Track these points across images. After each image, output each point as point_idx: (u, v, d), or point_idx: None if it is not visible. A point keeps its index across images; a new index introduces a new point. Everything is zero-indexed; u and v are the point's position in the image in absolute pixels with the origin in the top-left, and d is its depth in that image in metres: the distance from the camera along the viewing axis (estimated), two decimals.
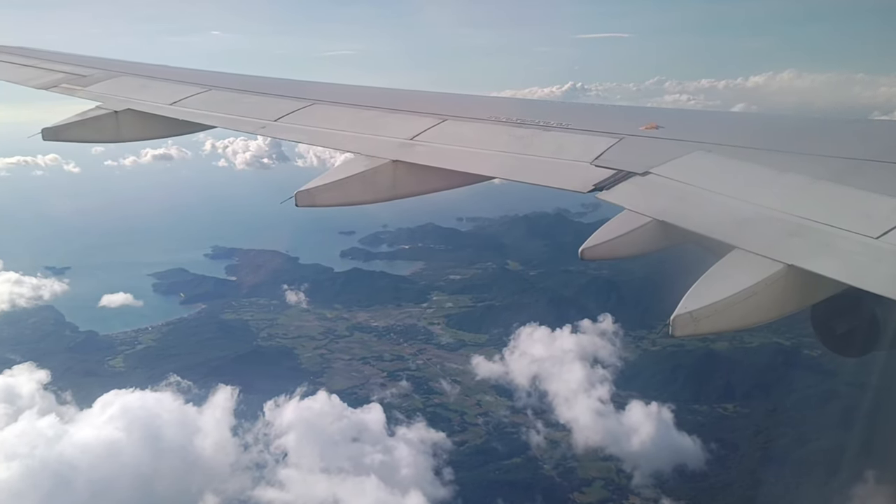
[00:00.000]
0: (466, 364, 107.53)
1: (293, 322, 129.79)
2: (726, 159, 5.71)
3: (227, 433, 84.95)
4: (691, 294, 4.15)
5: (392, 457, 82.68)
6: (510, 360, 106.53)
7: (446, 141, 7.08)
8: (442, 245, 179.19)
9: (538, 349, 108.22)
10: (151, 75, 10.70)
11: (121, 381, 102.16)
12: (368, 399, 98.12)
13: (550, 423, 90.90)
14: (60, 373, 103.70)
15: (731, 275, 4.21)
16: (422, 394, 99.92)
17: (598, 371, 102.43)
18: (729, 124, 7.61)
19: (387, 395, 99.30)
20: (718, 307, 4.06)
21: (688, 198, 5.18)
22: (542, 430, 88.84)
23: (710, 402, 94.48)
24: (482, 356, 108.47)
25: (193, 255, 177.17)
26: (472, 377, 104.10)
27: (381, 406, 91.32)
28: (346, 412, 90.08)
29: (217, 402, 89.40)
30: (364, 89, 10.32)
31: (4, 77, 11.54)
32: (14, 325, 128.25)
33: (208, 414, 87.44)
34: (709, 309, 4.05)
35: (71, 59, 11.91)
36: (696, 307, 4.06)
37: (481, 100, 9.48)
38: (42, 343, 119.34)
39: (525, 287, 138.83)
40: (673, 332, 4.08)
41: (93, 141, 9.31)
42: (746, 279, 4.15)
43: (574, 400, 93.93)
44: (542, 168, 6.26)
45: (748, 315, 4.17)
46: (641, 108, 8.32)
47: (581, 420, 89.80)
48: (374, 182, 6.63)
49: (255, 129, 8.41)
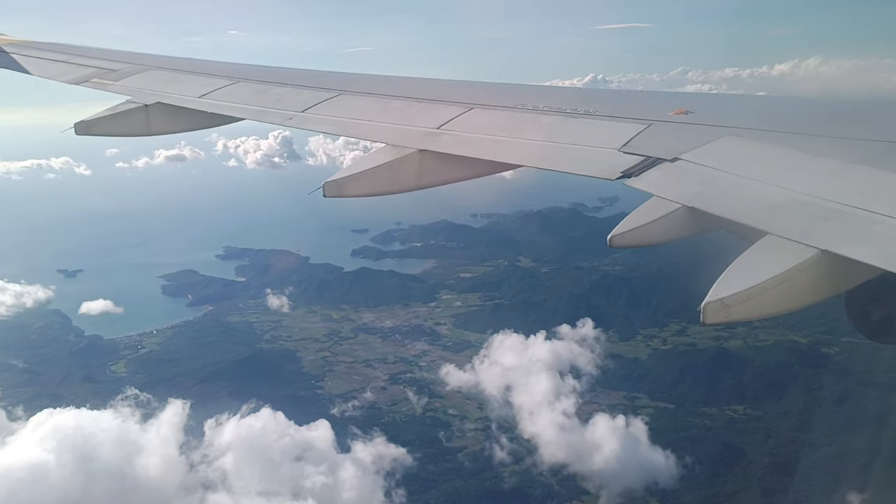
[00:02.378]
0: (465, 366, 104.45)
1: (298, 324, 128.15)
2: (757, 144, 5.66)
3: (174, 451, 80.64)
4: (722, 281, 4.10)
5: (336, 478, 78.34)
6: (481, 369, 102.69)
7: (473, 130, 7.06)
8: (454, 242, 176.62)
9: (512, 358, 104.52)
10: (180, 69, 10.78)
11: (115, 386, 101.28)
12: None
13: (515, 437, 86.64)
14: (59, 380, 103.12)
15: (762, 261, 4.18)
16: (389, 405, 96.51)
17: (570, 382, 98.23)
18: (759, 108, 7.36)
19: (362, 403, 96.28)
20: (750, 294, 4.02)
21: (718, 183, 5.15)
22: (506, 446, 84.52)
23: (719, 405, 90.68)
24: (453, 364, 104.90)
25: (205, 255, 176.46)
26: (442, 387, 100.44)
27: (328, 423, 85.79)
28: (291, 430, 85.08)
29: (166, 418, 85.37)
30: (390, 79, 10.20)
31: (37, 72, 11.58)
32: (20, 329, 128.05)
33: (160, 430, 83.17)
34: (740, 296, 4.00)
35: (101, 53, 12.10)
36: (727, 294, 4.00)
37: (507, 88, 9.10)
38: (46, 348, 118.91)
39: (535, 285, 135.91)
40: (703, 319, 4.00)
41: (123, 135, 9.32)
42: (779, 265, 4.11)
43: (542, 413, 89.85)
44: (570, 155, 6.21)
45: (780, 302, 4.12)
46: (670, 94, 7.97)
47: (546, 435, 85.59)
48: (402, 172, 6.65)
49: (282, 120, 8.38)
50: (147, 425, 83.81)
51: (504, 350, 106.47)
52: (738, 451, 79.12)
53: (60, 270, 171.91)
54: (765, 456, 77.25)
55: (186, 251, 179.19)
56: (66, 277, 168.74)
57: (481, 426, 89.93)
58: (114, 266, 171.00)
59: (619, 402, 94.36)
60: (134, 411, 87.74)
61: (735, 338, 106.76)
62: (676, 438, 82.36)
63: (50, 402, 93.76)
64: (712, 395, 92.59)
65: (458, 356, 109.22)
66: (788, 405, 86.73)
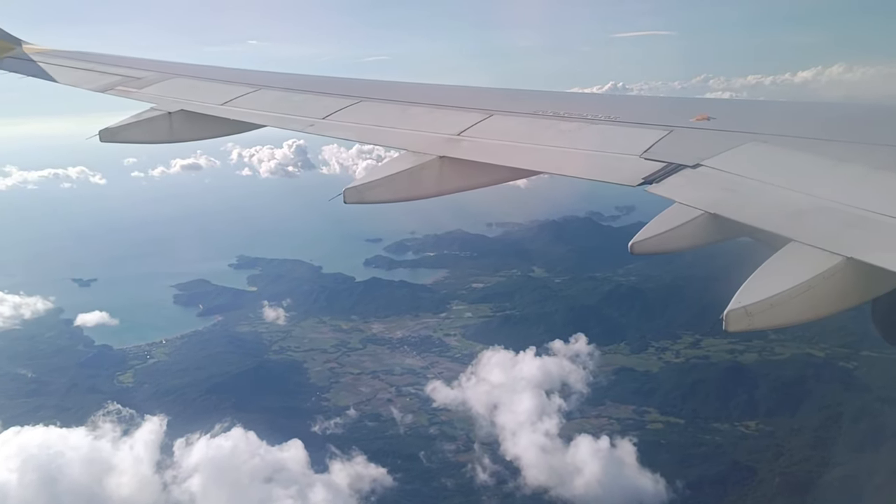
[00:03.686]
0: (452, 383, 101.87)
1: (307, 334, 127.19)
2: (781, 150, 5.60)
3: (148, 471, 78.10)
4: (745, 288, 4.08)
5: (306, 501, 75.34)
6: (468, 386, 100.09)
7: (493, 136, 7.06)
8: (468, 252, 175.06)
9: (500, 375, 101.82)
10: (203, 76, 10.95)
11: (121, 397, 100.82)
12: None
13: (498, 458, 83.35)
14: (65, 390, 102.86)
15: (786, 268, 4.16)
16: (378, 421, 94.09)
17: (556, 400, 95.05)
18: (783, 114, 7.23)
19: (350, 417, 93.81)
20: (774, 302, 4.00)
21: (741, 190, 5.09)
22: (488, 467, 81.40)
23: (731, 420, 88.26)
24: (440, 381, 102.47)
25: (218, 265, 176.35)
26: (428, 403, 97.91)
27: (301, 443, 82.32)
28: (262, 450, 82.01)
29: (142, 435, 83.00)
30: (410, 86, 9.98)
31: (63, 80, 11.78)
32: (30, 339, 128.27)
33: (135, 448, 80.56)
34: (764, 304, 3.98)
35: (126, 62, 12.24)
36: (751, 302, 3.98)
37: (528, 94, 8.92)
38: (55, 357, 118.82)
39: (547, 295, 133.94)
40: (726, 327, 3.99)
41: (147, 141, 9.45)
42: (803, 273, 4.08)
43: (529, 433, 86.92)
44: (590, 162, 6.20)
45: (805, 310, 4.09)
46: (692, 100, 7.94)
47: (529, 457, 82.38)
48: (422, 178, 6.65)
49: (303, 126, 8.45)
50: (124, 442, 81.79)
51: (493, 367, 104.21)
52: (748, 470, 76.55)
53: (75, 280, 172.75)
54: (775, 475, 74.57)
55: (200, 260, 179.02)
56: (80, 287, 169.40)
57: (464, 446, 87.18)
58: (127, 275, 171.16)
59: (628, 416, 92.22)
60: (115, 427, 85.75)
61: (750, 351, 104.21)
62: (685, 455, 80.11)
63: (54, 414, 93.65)
64: (724, 410, 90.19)
65: (467, 368, 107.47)
66: (802, 421, 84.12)
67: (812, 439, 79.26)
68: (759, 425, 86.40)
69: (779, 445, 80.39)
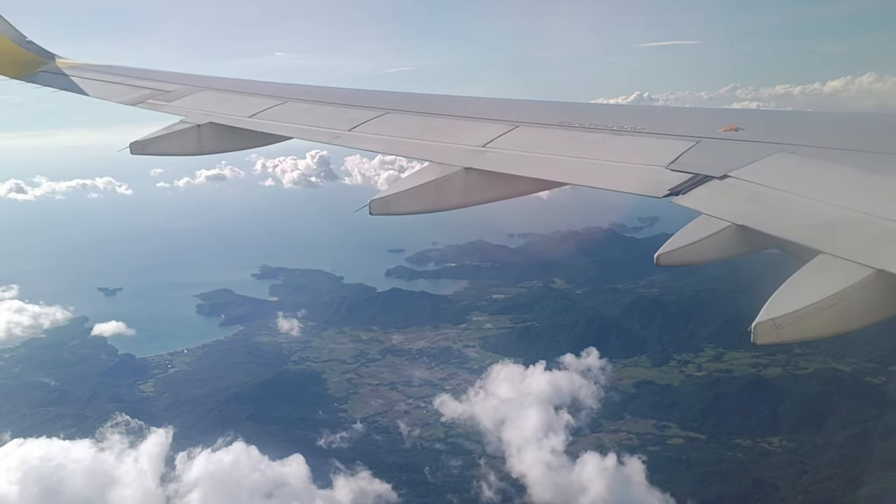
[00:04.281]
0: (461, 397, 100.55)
1: (327, 344, 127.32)
2: (810, 160, 5.54)
3: (152, 484, 76.95)
4: (774, 301, 4.07)
5: None
6: (476, 400, 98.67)
7: (518, 148, 7.08)
8: (489, 262, 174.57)
9: (511, 389, 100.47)
10: (231, 89, 11.11)
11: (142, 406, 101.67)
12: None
13: (505, 474, 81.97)
14: (86, 399, 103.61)
15: (816, 280, 4.12)
16: (386, 435, 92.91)
17: (564, 416, 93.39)
18: (812, 125, 7.14)
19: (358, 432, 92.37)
20: (803, 314, 3.98)
21: (769, 201, 5.06)
22: (494, 483, 80.00)
23: (753, 436, 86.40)
24: (448, 395, 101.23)
25: (241, 275, 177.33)
26: (437, 417, 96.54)
27: (303, 457, 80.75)
28: (262, 465, 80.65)
29: (147, 448, 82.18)
30: (435, 98, 10.07)
31: (95, 93, 12.05)
32: (55, 347, 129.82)
33: (140, 461, 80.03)
34: (793, 316, 3.96)
35: (156, 75, 12.58)
36: (780, 314, 3.96)
37: (552, 105, 8.93)
38: (78, 367, 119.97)
39: (567, 307, 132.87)
40: (754, 339, 3.97)
41: (176, 153, 9.60)
42: (833, 285, 4.04)
43: (536, 449, 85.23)
44: (615, 173, 6.15)
45: (834, 323, 4.05)
46: (719, 110, 7.89)
47: (534, 473, 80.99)
48: (447, 190, 6.68)
49: (329, 138, 8.55)
50: (129, 455, 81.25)
51: (502, 381, 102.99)
52: (771, 488, 74.82)
53: (100, 289, 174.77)
54: (798, 493, 72.98)
55: (223, 270, 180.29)
56: (105, 296, 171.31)
57: (471, 462, 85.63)
58: (152, 285, 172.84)
59: (647, 430, 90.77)
60: (123, 438, 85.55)
61: (774, 365, 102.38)
62: (706, 472, 78.46)
63: (74, 422, 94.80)
64: (746, 425, 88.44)
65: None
66: (827, 438, 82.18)
67: (837, 457, 77.38)
68: (783, 441, 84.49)
69: (802, 463, 78.59)
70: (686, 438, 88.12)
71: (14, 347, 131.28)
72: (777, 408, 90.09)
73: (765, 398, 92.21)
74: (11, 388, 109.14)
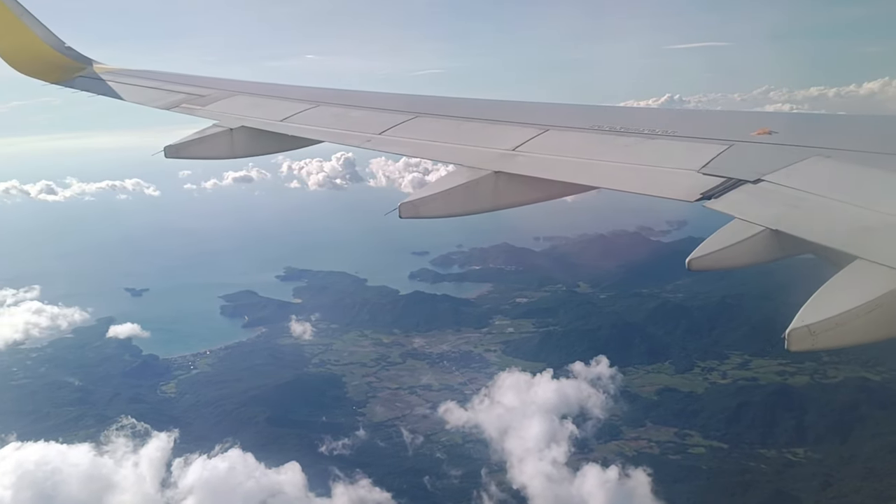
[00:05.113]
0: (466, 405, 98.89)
1: (348, 347, 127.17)
2: (847, 164, 5.46)
3: (151, 489, 75.99)
4: (809, 307, 4.02)
5: None
6: (480, 409, 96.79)
7: (548, 151, 7.08)
8: (514, 266, 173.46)
9: (519, 396, 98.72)
10: (264, 93, 11.29)
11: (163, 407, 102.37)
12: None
13: (506, 485, 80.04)
14: (108, 399, 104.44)
15: (852, 286, 4.04)
16: (389, 442, 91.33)
17: (568, 426, 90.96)
18: (849, 128, 6.92)
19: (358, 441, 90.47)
20: (839, 321, 3.91)
21: (804, 205, 5.00)
22: (495, 495, 78.32)
23: (777, 446, 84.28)
24: (454, 402, 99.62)
25: (266, 276, 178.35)
26: (441, 425, 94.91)
27: (299, 465, 79.12)
28: (257, 472, 79.33)
29: (147, 452, 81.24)
30: (465, 101, 10.23)
31: (130, 98, 12.32)
32: (81, 347, 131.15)
33: (141, 466, 79.08)
34: (828, 322, 3.91)
35: (190, 80, 12.78)
36: (815, 320, 3.91)
37: (583, 109, 8.95)
38: (101, 367, 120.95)
39: (591, 311, 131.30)
40: (788, 346, 3.95)
41: (209, 157, 9.65)
42: (869, 291, 3.96)
43: (539, 461, 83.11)
44: (647, 177, 6.08)
45: (871, 330, 3.98)
46: (752, 113, 7.78)
47: (535, 485, 78.94)
48: (477, 193, 6.71)
49: (360, 142, 8.53)
50: (130, 459, 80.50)
51: (507, 389, 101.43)
52: (793, 500, 72.69)
53: (128, 289, 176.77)
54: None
55: (249, 272, 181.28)
56: (132, 296, 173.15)
57: (471, 472, 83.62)
58: (178, 286, 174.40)
59: (669, 438, 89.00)
60: (128, 442, 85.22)
61: (801, 373, 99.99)
62: (727, 483, 76.53)
63: (95, 423, 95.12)
64: (770, 435, 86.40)
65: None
66: (854, 450, 79.88)
67: (863, 470, 75.07)
68: (808, 453, 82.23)
69: (827, 475, 76.28)
70: (708, 448, 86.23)
71: (41, 347, 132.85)
72: (803, 418, 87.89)
73: (790, 407, 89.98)
74: (37, 388, 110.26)
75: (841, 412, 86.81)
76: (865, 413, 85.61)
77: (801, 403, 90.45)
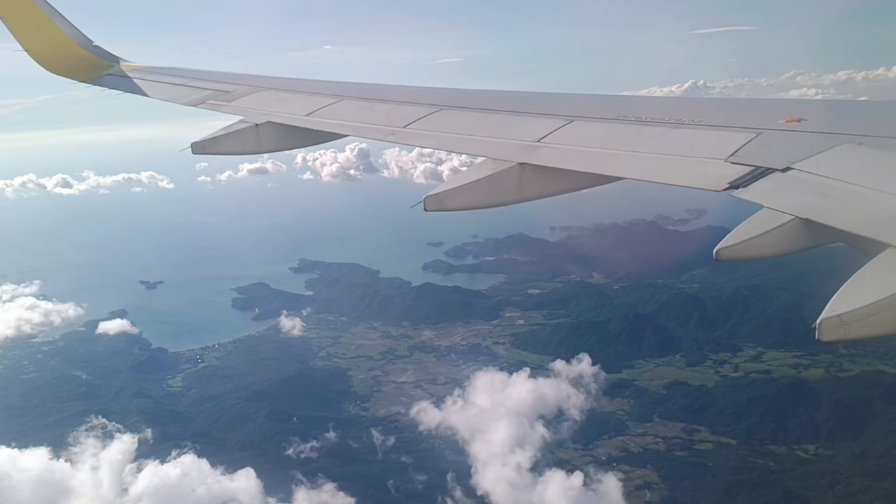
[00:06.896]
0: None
1: (356, 340, 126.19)
2: (878, 152, 5.35)
3: (110, 493, 73.72)
4: (840, 296, 3.95)
5: None
6: (455, 409, 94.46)
7: (573, 142, 7.00)
8: (528, 256, 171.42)
9: (500, 397, 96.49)
10: (289, 89, 11.30)
11: (166, 402, 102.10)
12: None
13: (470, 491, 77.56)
14: (113, 394, 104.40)
15: (884, 276, 3.96)
16: (361, 443, 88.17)
17: (543, 428, 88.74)
18: (880, 114, 6.72)
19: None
20: (871, 310, 3.83)
21: (835, 194, 4.89)
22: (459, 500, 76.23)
23: (788, 443, 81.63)
24: (430, 402, 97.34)
25: (279, 268, 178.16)
26: (414, 427, 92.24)
27: (254, 471, 76.29)
28: (211, 477, 76.90)
29: (109, 455, 79.10)
30: (489, 93, 10.04)
31: (157, 96, 12.41)
32: (91, 341, 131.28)
33: (101, 470, 76.69)
34: (860, 312, 3.84)
35: (215, 76, 12.95)
36: (846, 310, 3.85)
37: (608, 99, 8.90)
38: (109, 360, 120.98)
39: (603, 303, 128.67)
40: (819, 336, 3.90)
41: (236, 153, 9.72)
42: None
43: (505, 465, 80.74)
44: (674, 167, 5.98)
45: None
46: (781, 101, 7.66)
47: (497, 490, 76.83)
48: (501, 185, 6.67)
49: (384, 135, 8.58)
50: (86, 463, 78.44)
51: (481, 390, 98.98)
52: (800, 499, 70.07)
53: (142, 282, 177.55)
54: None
55: (262, 264, 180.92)
56: (146, 289, 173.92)
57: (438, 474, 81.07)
58: (191, 278, 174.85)
59: (675, 434, 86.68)
60: (97, 443, 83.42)
61: (816, 366, 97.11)
62: (733, 481, 73.95)
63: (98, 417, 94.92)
64: (781, 431, 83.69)
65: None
66: (866, 446, 77.05)
67: (874, 468, 72.24)
68: (819, 449, 79.46)
69: (836, 472, 73.39)
70: (715, 444, 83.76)
71: (52, 340, 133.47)
72: (815, 412, 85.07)
73: (803, 402, 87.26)
74: (45, 382, 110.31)
75: (855, 407, 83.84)
76: (880, 409, 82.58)
77: (815, 398, 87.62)
